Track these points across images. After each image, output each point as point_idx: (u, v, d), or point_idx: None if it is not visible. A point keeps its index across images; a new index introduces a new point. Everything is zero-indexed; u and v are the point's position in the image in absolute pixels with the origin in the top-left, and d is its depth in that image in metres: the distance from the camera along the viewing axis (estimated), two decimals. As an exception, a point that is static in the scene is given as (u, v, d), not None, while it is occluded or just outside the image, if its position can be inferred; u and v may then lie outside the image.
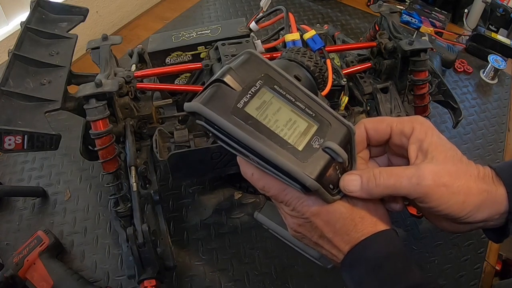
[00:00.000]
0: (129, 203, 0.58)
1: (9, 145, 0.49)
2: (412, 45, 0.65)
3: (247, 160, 0.35)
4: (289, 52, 0.41)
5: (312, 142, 0.33)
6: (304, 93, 0.34)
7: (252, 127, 0.31)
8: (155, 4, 1.29)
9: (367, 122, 0.39)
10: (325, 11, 1.27)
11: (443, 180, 0.33)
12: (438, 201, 0.33)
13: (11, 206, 0.75)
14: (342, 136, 0.34)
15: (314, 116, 0.34)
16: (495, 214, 0.35)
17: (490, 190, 0.34)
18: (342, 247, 0.36)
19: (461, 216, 0.34)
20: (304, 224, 0.37)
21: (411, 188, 0.33)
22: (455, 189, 0.33)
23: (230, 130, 0.31)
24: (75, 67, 0.62)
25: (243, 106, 0.32)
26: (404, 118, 0.38)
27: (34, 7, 0.64)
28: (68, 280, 0.62)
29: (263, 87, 0.33)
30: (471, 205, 0.34)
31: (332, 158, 0.33)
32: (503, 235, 0.37)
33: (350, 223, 0.35)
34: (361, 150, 0.40)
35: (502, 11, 1.17)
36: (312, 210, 0.35)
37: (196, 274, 0.66)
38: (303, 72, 0.40)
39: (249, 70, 0.33)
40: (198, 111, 0.31)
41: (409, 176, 0.34)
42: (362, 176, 0.34)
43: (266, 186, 0.36)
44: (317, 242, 0.38)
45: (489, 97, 1.04)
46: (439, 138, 0.36)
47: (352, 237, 0.35)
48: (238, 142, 0.32)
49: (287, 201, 0.36)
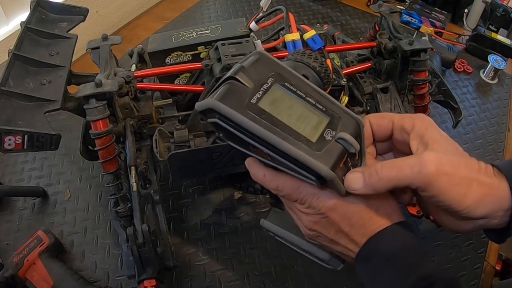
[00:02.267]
0: (129, 203, 0.58)
1: (9, 145, 0.49)
2: (412, 45, 0.65)
3: (260, 158, 0.36)
4: (295, 54, 0.42)
5: (324, 134, 0.33)
6: (314, 89, 0.35)
7: (267, 121, 0.32)
8: (155, 4, 1.29)
9: (371, 117, 0.40)
10: (325, 11, 1.27)
11: (445, 168, 0.33)
12: (439, 191, 0.33)
13: (11, 206, 0.75)
14: (353, 128, 0.35)
15: (325, 110, 0.34)
16: (497, 210, 0.34)
17: (492, 184, 0.34)
18: (359, 240, 0.36)
19: (462, 209, 0.34)
20: (320, 220, 0.37)
21: (413, 176, 0.33)
22: (456, 180, 0.33)
23: (245, 124, 0.32)
24: (75, 67, 0.62)
25: (257, 102, 0.33)
26: (405, 115, 0.38)
27: (34, 7, 0.64)
28: (68, 280, 0.62)
29: (275, 84, 0.34)
30: (472, 197, 0.33)
31: (345, 149, 0.33)
32: (505, 235, 0.37)
33: (366, 216, 0.36)
34: (368, 145, 0.40)
35: (502, 11, 1.17)
36: (328, 205, 0.36)
37: (196, 274, 0.66)
38: (310, 72, 0.41)
39: (259, 69, 0.35)
40: (213, 107, 0.32)
41: (411, 164, 0.33)
42: (364, 173, 0.34)
43: (279, 186, 0.36)
44: (333, 238, 0.38)
45: (489, 97, 1.04)
46: (439, 133, 0.36)
47: (368, 229, 0.36)
48: (253, 136, 0.32)
49: (302, 199, 0.36)
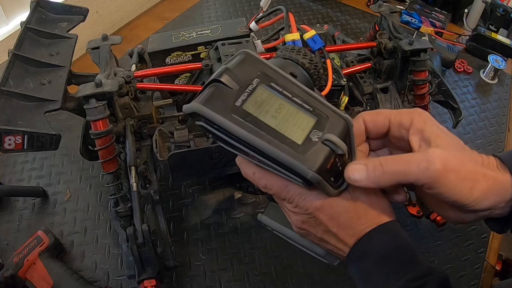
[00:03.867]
0: (129, 203, 0.58)
1: (9, 145, 0.49)
2: (412, 45, 0.65)
3: (248, 159, 0.35)
4: (284, 51, 0.41)
5: (311, 135, 0.33)
6: (301, 88, 0.35)
7: (251, 124, 0.31)
8: (155, 4, 1.29)
9: (365, 115, 0.39)
10: (325, 11, 1.27)
11: (451, 164, 0.33)
12: (446, 187, 0.33)
13: (11, 206, 0.74)
14: (341, 128, 0.34)
15: (312, 110, 0.34)
16: (500, 202, 0.34)
17: (496, 177, 0.34)
18: (348, 240, 0.36)
19: (468, 203, 0.33)
20: (308, 220, 0.37)
21: (420, 173, 0.33)
22: (463, 175, 0.33)
23: (229, 128, 0.31)
24: (75, 67, 0.62)
25: (241, 104, 0.32)
26: (402, 110, 0.38)
27: (34, 7, 0.64)
28: (68, 280, 0.62)
29: (260, 85, 0.33)
30: (478, 191, 0.33)
31: (332, 151, 0.33)
32: (506, 225, 0.37)
33: (354, 216, 0.35)
34: (360, 143, 0.39)
35: (502, 11, 1.18)
36: (315, 205, 0.35)
37: (196, 274, 0.66)
38: (298, 70, 0.40)
39: (245, 69, 0.34)
40: (197, 111, 0.31)
41: (418, 161, 0.33)
42: (367, 165, 0.34)
43: (268, 184, 0.36)
44: (322, 237, 0.38)
45: (489, 97, 1.04)
46: (438, 127, 0.36)
47: (357, 229, 0.35)
48: (238, 139, 0.32)
49: (289, 198, 0.36)
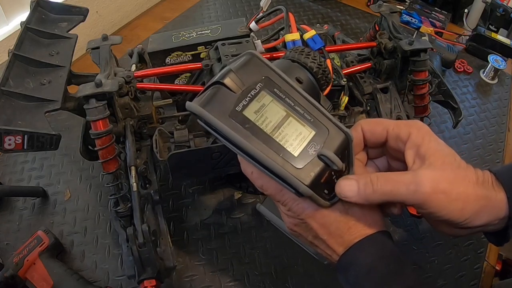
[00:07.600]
0: (129, 203, 0.58)
1: (9, 145, 0.49)
2: (412, 45, 0.65)
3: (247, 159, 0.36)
4: (293, 52, 0.40)
5: (308, 148, 0.33)
6: (304, 97, 0.34)
7: (249, 131, 0.31)
8: (155, 4, 1.29)
9: (364, 124, 0.39)
10: (325, 11, 1.27)
11: (441, 187, 0.33)
12: (436, 208, 0.33)
13: (11, 206, 0.74)
14: (339, 143, 0.34)
15: (313, 121, 0.33)
16: (494, 220, 0.34)
17: (489, 196, 0.34)
18: (336, 248, 0.36)
19: (460, 222, 0.34)
20: (300, 224, 0.37)
21: (409, 195, 0.33)
22: (454, 196, 0.33)
23: (226, 133, 0.31)
24: (75, 67, 0.62)
25: (242, 110, 0.32)
26: (401, 122, 0.38)
27: (34, 7, 0.64)
28: (68, 280, 0.62)
29: (263, 90, 0.33)
30: (470, 211, 0.33)
31: (328, 165, 0.33)
32: (503, 239, 0.37)
33: (344, 226, 0.36)
34: (358, 152, 0.40)
35: (502, 11, 1.17)
36: (307, 213, 0.36)
37: (196, 274, 0.66)
38: (305, 74, 0.39)
39: (249, 72, 0.33)
40: (196, 112, 0.31)
41: (407, 182, 0.33)
42: (359, 182, 0.34)
43: (264, 185, 0.37)
44: (312, 241, 0.38)
45: (489, 97, 1.04)
46: (437, 143, 0.35)
47: (346, 239, 0.36)
48: (234, 144, 0.32)
49: (283, 201, 0.37)
